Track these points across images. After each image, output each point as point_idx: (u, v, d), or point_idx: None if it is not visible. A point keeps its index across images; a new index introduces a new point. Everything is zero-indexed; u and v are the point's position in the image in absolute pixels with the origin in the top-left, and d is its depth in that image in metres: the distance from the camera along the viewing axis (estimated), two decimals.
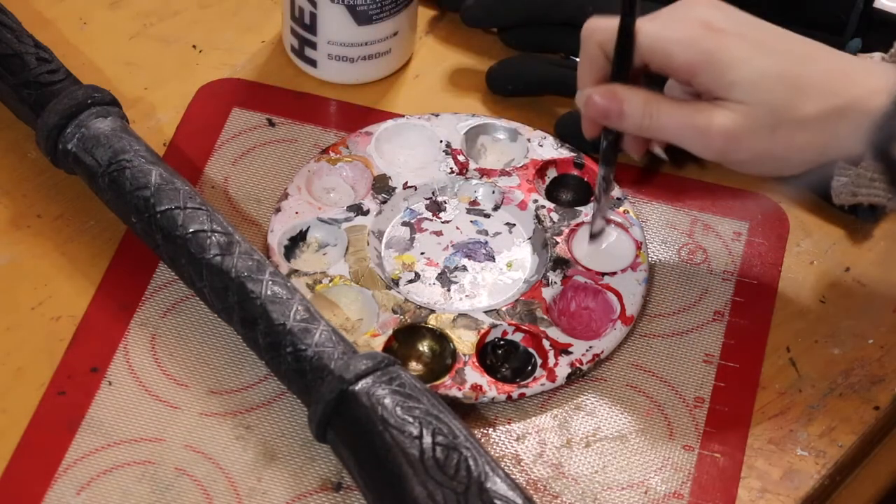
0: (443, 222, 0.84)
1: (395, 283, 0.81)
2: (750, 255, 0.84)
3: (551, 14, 0.89)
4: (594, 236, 0.81)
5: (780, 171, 0.75)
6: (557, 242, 0.82)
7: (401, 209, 0.84)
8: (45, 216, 0.84)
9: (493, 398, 0.76)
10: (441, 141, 0.87)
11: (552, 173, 0.87)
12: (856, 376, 0.79)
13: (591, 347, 0.78)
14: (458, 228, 0.84)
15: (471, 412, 0.76)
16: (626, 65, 0.73)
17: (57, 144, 0.81)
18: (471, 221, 0.84)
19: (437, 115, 0.88)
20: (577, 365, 0.77)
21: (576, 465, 0.75)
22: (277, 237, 0.82)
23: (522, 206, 0.84)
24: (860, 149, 0.71)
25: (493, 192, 0.85)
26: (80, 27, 0.94)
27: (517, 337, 0.79)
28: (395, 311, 0.79)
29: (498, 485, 0.68)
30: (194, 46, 0.93)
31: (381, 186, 0.85)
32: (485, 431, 0.76)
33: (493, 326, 0.78)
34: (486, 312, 0.79)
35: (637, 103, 0.73)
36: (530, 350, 0.78)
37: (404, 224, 0.84)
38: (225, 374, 0.77)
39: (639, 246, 0.82)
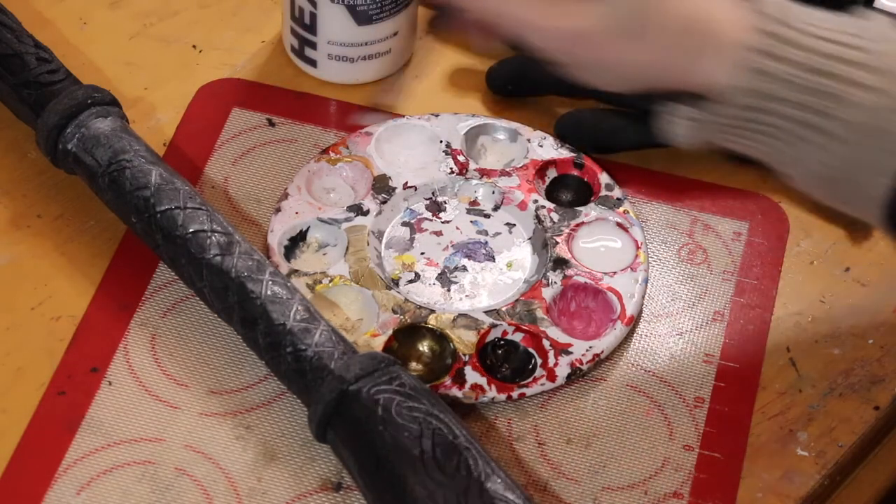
0: (443, 222, 0.84)
1: (395, 283, 0.81)
2: (750, 255, 0.84)
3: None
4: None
5: (628, 82, 0.74)
6: (557, 242, 0.82)
7: (401, 209, 0.84)
8: (45, 216, 0.84)
9: (493, 398, 0.76)
10: (441, 141, 0.87)
11: (552, 173, 0.87)
12: (856, 376, 0.79)
13: (591, 347, 0.78)
14: (458, 228, 0.84)
15: (471, 412, 0.76)
16: None
17: (57, 144, 0.81)
18: (471, 221, 0.84)
19: (436, 115, 0.88)
20: (577, 365, 0.77)
21: (576, 465, 0.75)
22: (277, 237, 0.82)
23: (522, 206, 0.84)
24: (722, 80, 0.71)
25: (493, 193, 0.85)
26: (80, 27, 0.94)
27: (517, 337, 0.79)
28: (395, 311, 0.79)
29: (498, 485, 0.68)
30: (194, 46, 0.93)
31: (381, 186, 0.85)
32: (485, 431, 0.76)
33: (493, 326, 0.78)
34: (486, 312, 0.79)
35: None
36: (530, 350, 0.78)
37: (404, 224, 0.84)
38: (225, 374, 0.77)
39: (639, 246, 0.82)
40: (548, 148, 0.87)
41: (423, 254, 0.83)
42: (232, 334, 0.78)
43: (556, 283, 0.80)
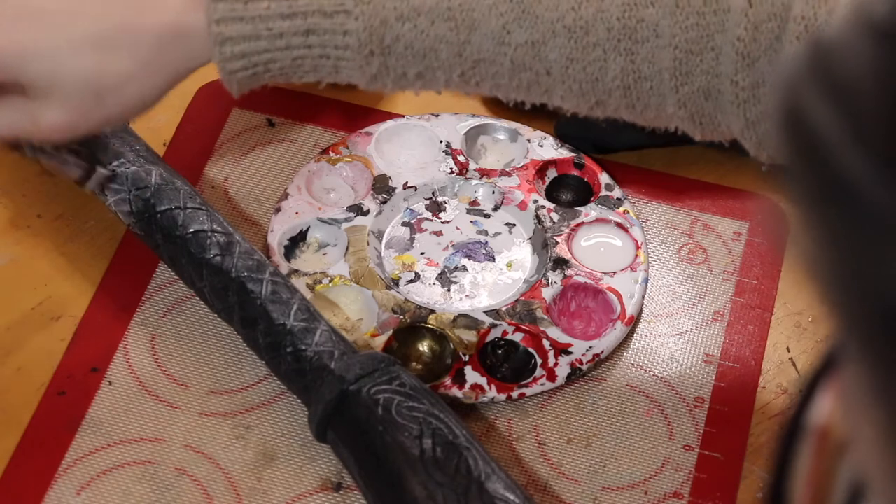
0: (443, 222, 0.84)
1: (395, 283, 0.81)
2: (750, 255, 0.84)
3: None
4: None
5: (145, 108, 0.71)
6: (557, 242, 0.82)
7: (401, 209, 0.84)
8: (45, 216, 0.84)
9: (493, 398, 0.76)
10: (441, 141, 0.87)
11: (552, 173, 0.87)
12: None
13: (591, 347, 0.78)
14: (458, 228, 0.84)
15: (471, 412, 0.76)
16: None
17: None
18: (471, 221, 0.84)
19: (437, 115, 0.88)
20: (577, 365, 0.77)
21: (576, 465, 0.75)
22: (277, 237, 0.82)
23: (522, 206, 0.84)
24: (205, 58, 0.69)
25: (493, 193, 0.85)
26: None
27: (517, 337, 0.79)
28: (395, 311, 0.79)
29: (498, 485, 0.68)
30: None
31: (381, 186, 0.85)
32: (485, 431, 0.76)
33: (493, 326, 0.78)
34: (486, 312, 0.79)
35: None
36: (530, 350, 0.78)
37: (404, 224, 0.84)
38: (225, 374, 0.77)
39: (639, 246, 0.82)
40: (548, 148, 0.87)
41: (423, 254, 0.83)
42: (232, 334, 0.78)
43: (556, 283, 0.80)
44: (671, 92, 0.67)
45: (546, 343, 0.78)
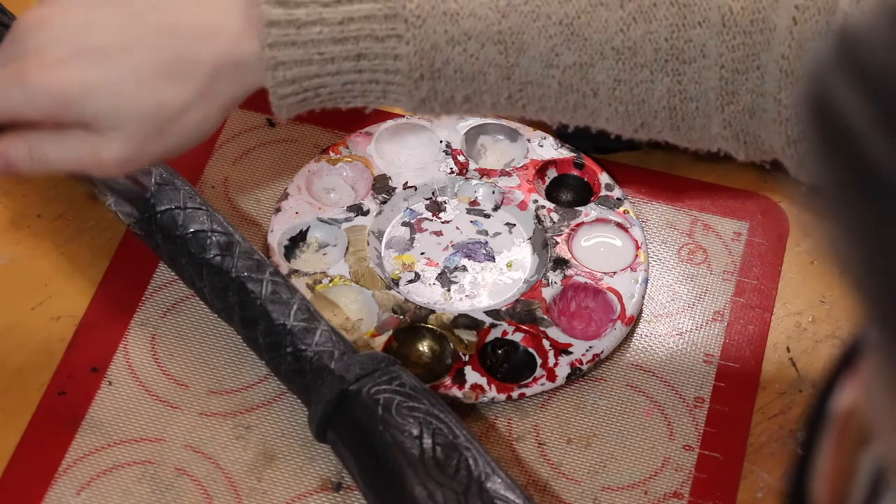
0: (443, 222, 0.84)
1: (395, 283, 0.81)
2: (750, 255, 0.84)
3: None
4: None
5: (203, 137, 0.71)
6: (557, 242, 0.82)
7: (401, 209, 0.84)
8: (45, 216, 0.84)
9: (493, 398, 0.76)
10: (441, 141, 0.87)
11: (552, 173, 0.87)
12: None
13: (591, 347, 0.78)
14: (458, 228, 0.84)
15: (471, 412, 0.76)
16: None
17: None
18: (471, 221, 0.84)
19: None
20: (577, 365, 0.77)
21: (576, 465, 0.75)
22: (277, 237, 0.82)
23: (522, 206, 0.84)
24: (259, 83, 0.68)
25: (493, 193, 0.85)
26: None
27: (517, 337, 0.79)
28: (395, 311, 0.79)
29: (498, 485, 0.68)
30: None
31: (381, 186, 0.85)
32: (485, 431, 0.76)
33: (493, 326, 0.78)
34: (486, 312, 0.79)
35: (21, 151, 0.69)
36: (530, 350, 0.78)
37: (404, 224, 0.84)
38: (225, 374, 0.77)
39: (639, 246, 0.82)
40: (548, 148, 0.87)
41: (423, 254, 0.83)
42: (232, 334, 0.78)
43: (556, 283, 0.80)
44: (717, 112, 0.67)
45: (546, 343, 0.78)
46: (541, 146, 0.87)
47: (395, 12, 0.66)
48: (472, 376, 0.76)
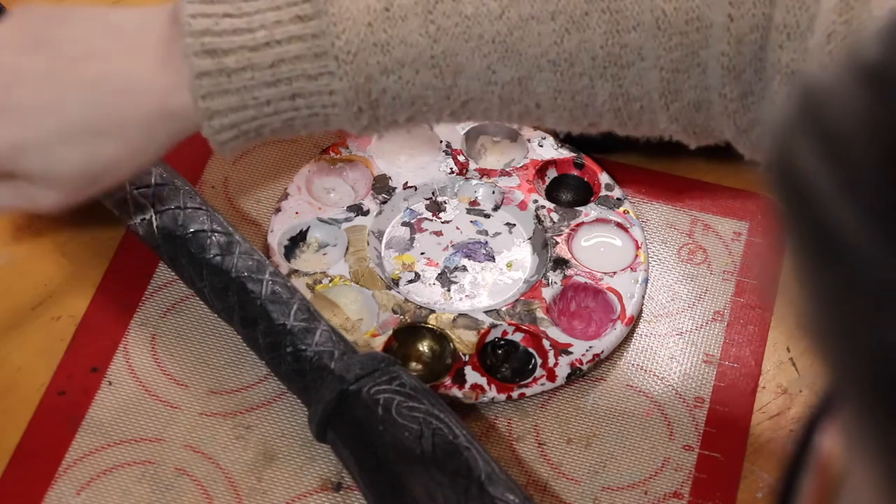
0: (443, 222, 0.84)
1: (395, 283, 0.81)
2: (750, 255, 0.84)
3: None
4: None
5: (140, 174, 0.73)
6: (557, 242, 0.82)
7: (401, 209, 0.84)
8: (45, 216, 0.83)
9: (493, 398, 0.76)
10: (441, 141, 0.87)
11: (552, 173, 0.87)
12: None
13: (591, 347, 0.78)
14: (458, 228, 0.84)
15: (471, 412, 0.76)
16: None
17: None
18: (471, 221, 0.84)
19: None
20: (577, 365, 0.77)
21: (576, 465, 0.75)
22: (277, 237, 0.82)
23: (522, 206, 0.84)
24: (195, 129, 0.68)
25: (493, 193, 0.85)
26: None
27: (517, 337, 0.79)
28: (395, 311, 0.79)
29: (498, 485, 0.68)
30: None
31: (381, 186, 0.85)
32: (485, 431, 0.76)
33: (493, 326, 0.78)
34: (486, 312, 0.79)
35: None
36: (530, 350, 0.78)
37: (404, 224, 0.84)
38: (225, 374, 0.77)
39: (639, 246, 0.82)
40: (548, 148, 0.87)
41: (423, 254, 0.83)
42: (232, 334, 0.78)
43: (556, 283, 0.80)
44: (662, 109, 0.67)
45: (546, 343, 0.78)
46: (541, 146, 0.87)
47: (324, 50, 0.66)
48: (472, 376, 0.76)
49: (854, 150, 0.34)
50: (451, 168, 0.86)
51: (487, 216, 0.85)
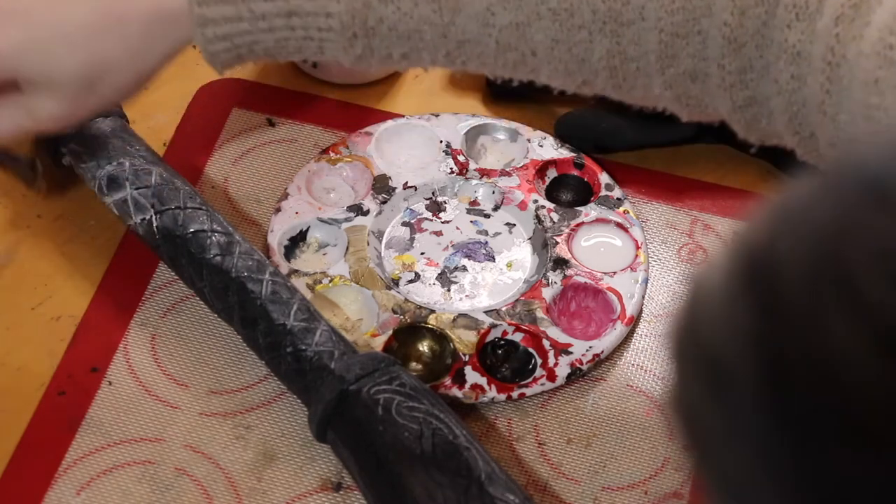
0: (443, 222, 0.84)
1: (395, 283, 0.81)
2: None
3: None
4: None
5: (137, 90, 0.73)
6: (557, 242, 0.82)
7: (401, 209, 0.84)
8: (45, 216, 0.84)
9: (493, 398, 0.76)
10: (441, 141, 0.87)
11: (552, 173, 0.87)
12: None
13: (591, 347, 0.78)
14: (458, 228, 0.84)
15: (471, 412, 0.76)
16: None
17: (58, 146, 0.81)
18: (471, 221, 0.84)
19: (437, 115, 0.88)
20: (577, 365, 0.77)
21: (576, 465, 0.75)
22: (277, 237, 0.82)
23: (522, 206, 0.84)
24: (191, 39, 0.70)
25: (493, 193, 0.85)
26: None
27: (517, 337, 0.79)
28: (395, 311, 0.79)
29: (498, 485, 0.68)
30: (194, 46, 0.93)
31: (381, 186, 0.85)
32: (485, 431, 0.76)
33: (493, 326, 0.78)
34: (486, 312, 0.79)
35: None
36: (530, 350, 0.78)
37: (404, 224, 0.84)
38: (225, 374, 0.77)
39: (639, 246, 0.82)
40: (548, 148, 0.87)
41: (423, 254, 0.83)
42: (232, 334, 0.78)
43: (556, 283, 0.80)
44: (657, 73, 0.67)
45: (546, 343, 0.78)
46: (541, 146, 0.87)
47: None
48: (472, 376, 0.76)
49: (738, 384, 0.35)
50: (451, 168, 0.86)
51: (487, 216, 0.85)
